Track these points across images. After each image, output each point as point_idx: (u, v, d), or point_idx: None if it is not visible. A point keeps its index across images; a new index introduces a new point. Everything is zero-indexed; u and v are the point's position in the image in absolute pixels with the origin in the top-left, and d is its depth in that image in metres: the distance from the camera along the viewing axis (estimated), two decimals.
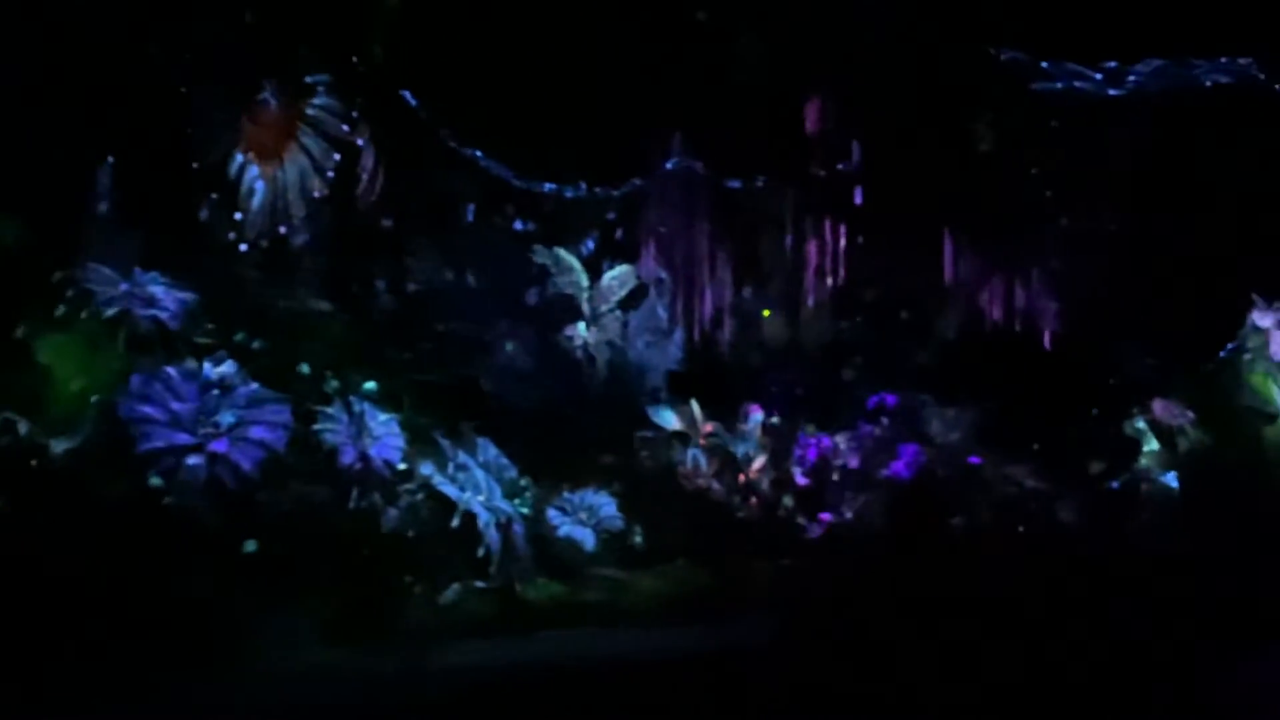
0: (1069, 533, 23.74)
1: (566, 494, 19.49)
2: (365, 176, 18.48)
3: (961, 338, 25.76)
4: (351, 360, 17.83)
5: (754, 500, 20.83)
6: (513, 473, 19.47)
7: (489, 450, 19.51)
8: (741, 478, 20.99)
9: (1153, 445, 24.63)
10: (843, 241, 24.72)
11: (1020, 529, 23.50)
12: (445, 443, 16.36)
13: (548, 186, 21.91)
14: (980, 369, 25.36)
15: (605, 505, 18.00)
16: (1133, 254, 25.81)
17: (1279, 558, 19.55)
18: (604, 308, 22.89)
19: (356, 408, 15.52)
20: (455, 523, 16.35)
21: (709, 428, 21.33)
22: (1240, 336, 24.98)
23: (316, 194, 18.20)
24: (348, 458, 15.28)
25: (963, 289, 25.92)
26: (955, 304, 25.98)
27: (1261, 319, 24.98)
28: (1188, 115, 25.29)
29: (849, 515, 21.51)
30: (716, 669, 13.92)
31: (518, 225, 22.22)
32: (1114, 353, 25.69)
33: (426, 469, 15.97)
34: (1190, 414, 24.85)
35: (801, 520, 21.15)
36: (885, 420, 23.37)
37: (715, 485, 20.58)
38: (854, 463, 22.49)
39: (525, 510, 19.63)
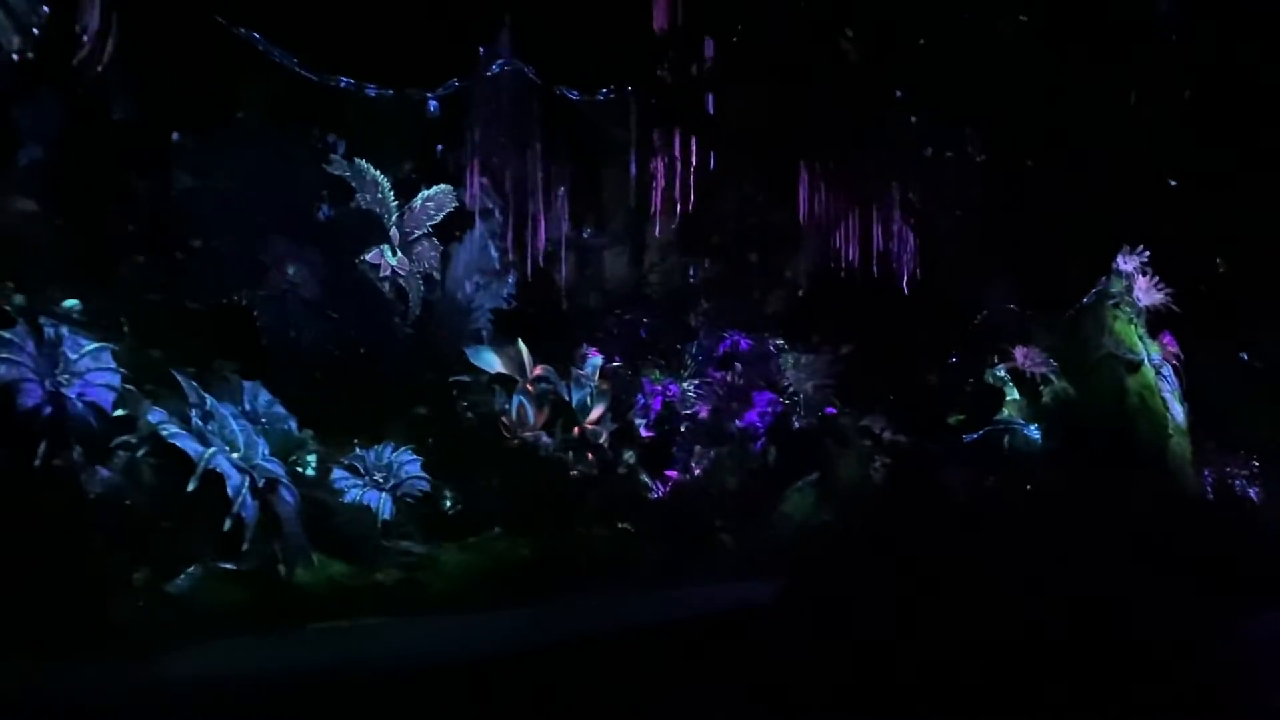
0: (929, 487, 18.87)
1: (359, 450, 13.45)
2: (87, 39, 11.90)
3: (817, 280, 20.68)
4: (50, 271, 11.37)
5: (590, 455, 15.11)
6: (291, 424, 13.31)
7: (259, 396, 13.30)
8: (576, 429, 15.23)
9: (1014, 395, 19.86)
10: (694, 169, 19.17)
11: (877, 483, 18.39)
12: (190, 384, 10.02)
13: (345, 81, 15.57)
14: (837, 313, 20.31)
15: (408, 464, 12.28)
16: (995, 196, 21.09)
17: (1147, 508, 15.82)
18: (417, 232, 16.78)
19: (50, 332, 9.14)
20: (192, 486, 11.44)
21: (538, 371, 15.57)
22: (1103, 282, 20.50)
23: (15, 55, 11.56)
24: (31, 398, 8.93)
25: (818, 228, 20.74)
26: (811, 243, 20.81)
27: (1125, 263, 20.61)
28: (1055, 54, 20.49)
29: (699, 472, 16.03)
30: (539, 665, 10.51)
31: (309, 128, 15.79)
32: (974, 298, 20.96)
33: (156, 416, 9.63)
34: (1053, 362, 20.24)
35: (645, 478, 15.51)
36: (738, 366, 17.95)
37: (544, 438, 14.85)
38: (704, 412, 16.97)
39: (308, 470, 13.46)
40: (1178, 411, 21.31)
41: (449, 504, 14.07)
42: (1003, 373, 20.69)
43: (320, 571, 12.49)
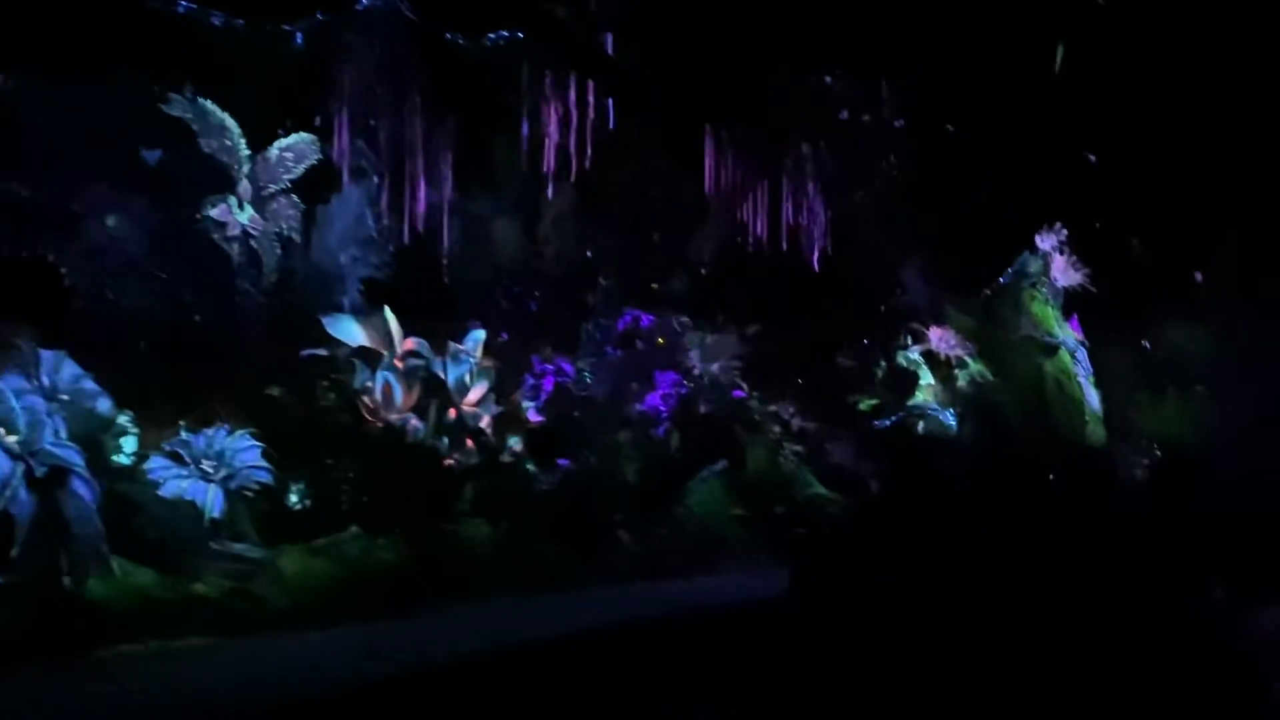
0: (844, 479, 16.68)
1: (186, 435, 10.37)
2: None
3: (725, 254, 18.25)
4: None
5: (468, 442, 12.26)
6: (101, 403, 10.14)
7: (62, 369, 10.14)
8: (452, 411, 12.37)
9: (929, 378, 17.75)
10: (594, 129, 16.53)
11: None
12: None
13: (184, 6, 12.45)
14: (745, 291, 17.94)
15: (245, 451, 9.33)
16: (910, 170, 18.94)
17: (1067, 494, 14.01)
18: (272, 187, 13.70)
19: None
20: None
21: (409, 344, 12.63)
22: (1020, 261, 18.52)
23: None
24: None
25: (727, 199, 18.32)
26: (718, 216, 18.36)
27: (1043, 242, 18.65)
28: (976, 24, 18.47)
29: (594, 460, 13.34)
30: (402, 693, 8.08)
31: (141, 59, 12.60)
32: (888, 276, 18.80)
33: None
34: (969, 344, 18.17)
35: (532, 467, 12.73)
36: (639, 345, 15.34)
37: (413, 421, 11.92)
38: (601, 394, 14.30)
39: (121, 458, 10.36)
40: (1092, 397, 19.52)
41: (295, 499, 11.13)
42: (916, 355, 18.54)
43: (122, 583, 9.46)
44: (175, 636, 9.50)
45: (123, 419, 11.18)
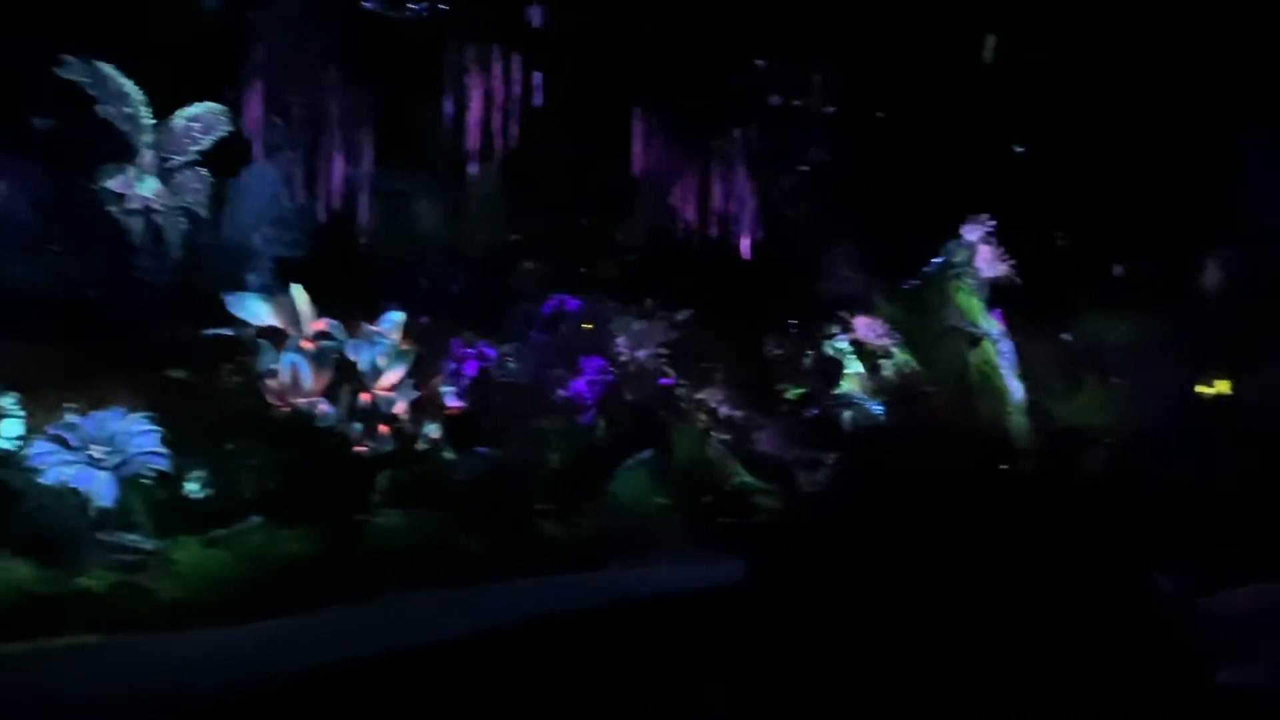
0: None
1: (73, 417, 9.47)
2: None
3: (654, 239, 17.70)
4: None
5: (382, 428, 11.52)
6: None
7: None
8: (365, 396, 11.62)
9: (855, 367, 17.46)
10: (522, 107, 15.84)
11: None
12: None
13: None
14: (673, 276, 17.39)
15: (140, 435, 8.32)
16: (839, 156, 18.54)
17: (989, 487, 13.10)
18: (178, 159, 12.75)
19: None
20: None
21: (320, 325, 11.80)
22: (946, 251, 18.32)
23: None
24: None
25: (656, 182, 17.77)
26: (648, 199, 17.80)
27: (970, 233, 18.48)
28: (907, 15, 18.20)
29: (517, 448, 12.70)
30: (307, 697, 7.50)
31: (35, 21, 11.58)
32: (816, 263, 18.44)
33: None
34: (895, 334, 17.94)
35: (451, 455, 12.05)
36: (565, 330, 14.72)
37: (323, 406, 11.13)
38: (524, 380, 13.66)
39: (1, 443, 9.43)
40: (1016, 389, 19.46)
41: (195, 487, 10.27)
42: (844, 344, 18.23)
43: None
44: (56, 634, 8.65)
45: (5, 401, 10.23)
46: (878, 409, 17.99)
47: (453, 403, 13.82)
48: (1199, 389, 20.39)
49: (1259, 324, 18.98)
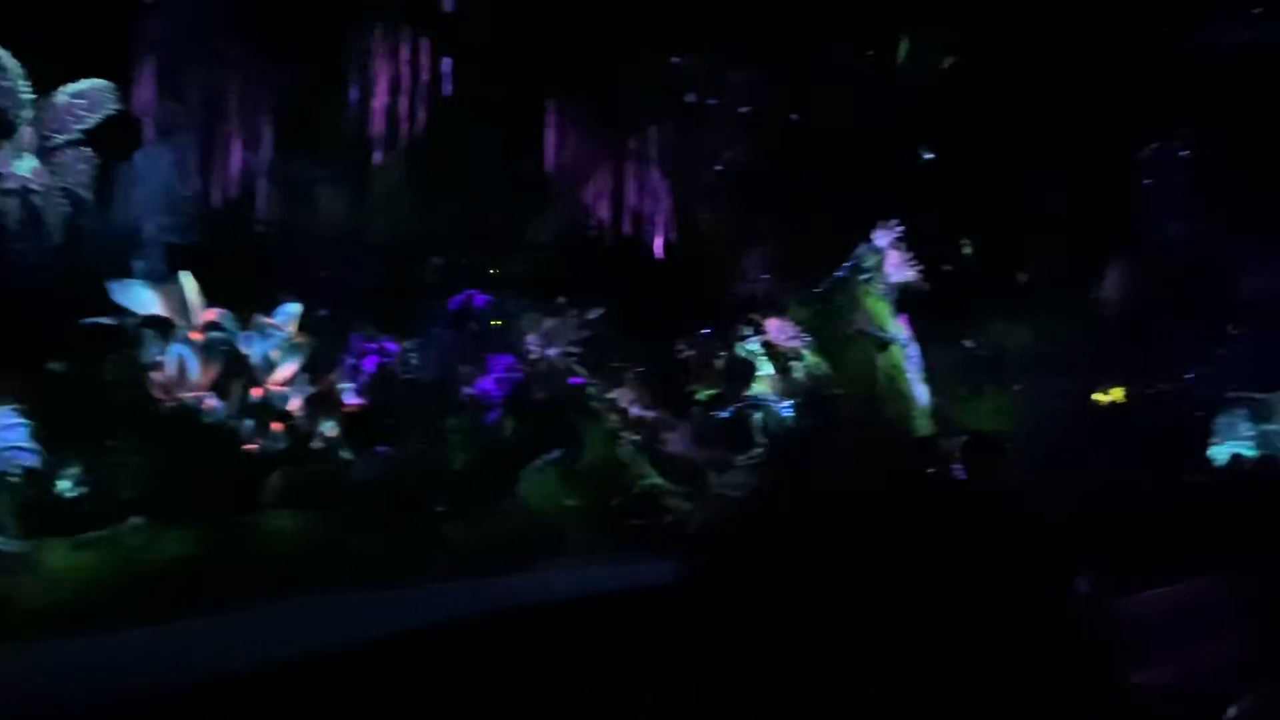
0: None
1: None
2: None
3: (566, 235, 17.29)
4: None
5: (275, 425, 10.88)
6: None
7: None
8: (257, 391, 10.95)
9: (767, 370, 17.36)
10: (431, 93, 15.29)
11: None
12: None
13: None
14: (585, 274, 17.05)
15: (7, 429, 7.24)
16: (755, 160, 18.36)
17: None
18: (61, 138, 11.88)
19: None
20: None
21: (210, 315, 11.08)
22: (857, 255, 18.32)
23: None
24: None
25: (570, 178, 17.40)
26: (561, 196, 17.41)
27: (880, 237, 18.53)
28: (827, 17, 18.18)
29: (419, 447, 12.16)
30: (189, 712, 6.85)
31: None
32: (729, 265, 18.31)
33: None
34: (806, 337, 17.88)
35: (348, 454, 11.45)
36: (472, 326, 14.22)
37: (211, 400, 10.43)
38: (428, 377, 13.12)
39: None
40: (922, 394, 19.59)
41: (68, 485, 9.48)
42: (756, 346, 18.10)
43: None
44: None
45: None
46: (788, 411, 17.88)
47: (351, 399, 13.20)
48: (1099, 395, 20.84)
49: (1159, 332, 19.47)
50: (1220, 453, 18.98)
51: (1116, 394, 21.88)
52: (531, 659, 7.88)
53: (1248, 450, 18.71)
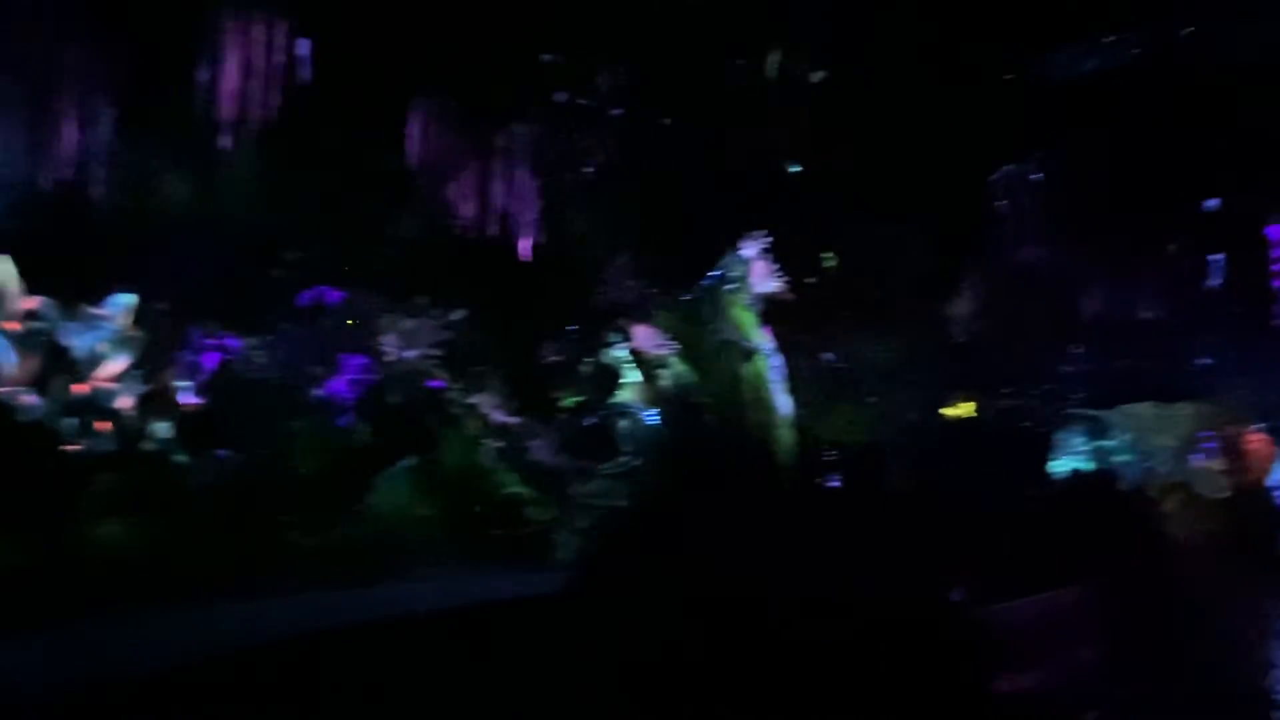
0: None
1: None
2: None
3: (428, 232, 16.70)
4: None
5: (101, 424, 9.91)
6: None
7: None
8: (82, 387, 9.95)
9: (633, 377, 17.21)
10: (285, 71, 14.46)
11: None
12: None
13: None
14: (448, 273, 16.49)
15: None
16: (626, 164, 18.68)
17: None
18: None
19: None
20: None
21: (29, 304, 10.02)
22: (724, 264, 18.40)
23: None
24: None
25: (434, 175, 16.83)
26: (424, 192, 16.82)
27: (747, 247, 18.68)
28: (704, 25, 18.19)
29: (264, 451, 11.35)
30: None
31: None
32: (598, 269, 18.08)
33: None
34: (672, 345, 17.82)
35: (184, 458, 10.57)
36: (324, 323, 13.48)
37: (28, 396, 9.40)
38: (274, 376, 12.31)
39: None
40: (785, 404, 19.80)
41: None
42: (622, 353, 17.92)
43: None
44: None
45: None
46: (654, 419, 17.76)
47: (188, 398, 12.23)
48: (950, 409, 21.51)
49: (1007, 349, 20.21)
50: (1060, 467, 19.86)
51: (967, 408, 22.65)
52: (380, 675, 7.41)
53: (1085, 465, 19.62)
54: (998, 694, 7.62)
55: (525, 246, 18.37)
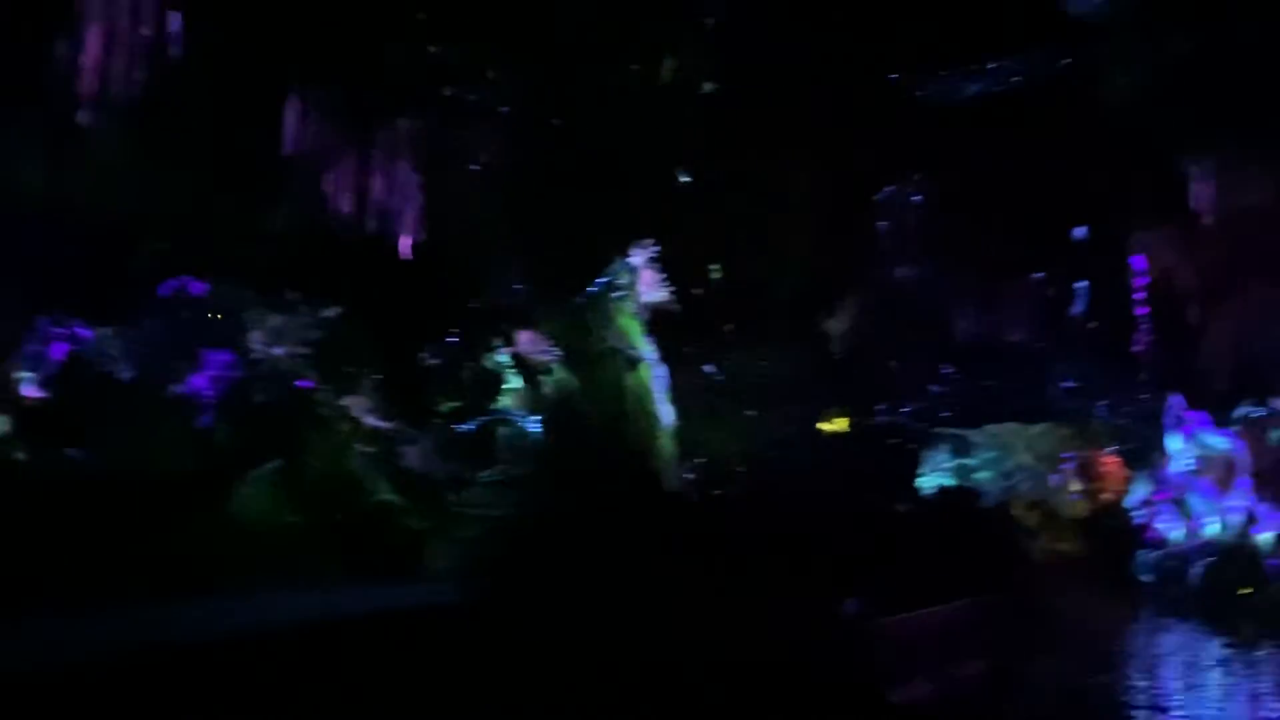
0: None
1: None
2: None
3: (303, 225, 16.00)
4: None
5: None
6: None
7: None
8: None
9: (515, 383, 16.87)
10: (157, 50, 13.60)
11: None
12: None
13: None
14: (323, 269, 15.80)
15: None
16: (515, 166, 18.50)
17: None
18: None
19: None
20: None
21: None
22: (611, 272, 18.30)
23: None
24: None
25: (313, 166, 16.15)
26: (301, 184, 16.11)
27: (635, 256, 18.63)
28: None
29: (118, 450, 10.53)
30: None
31: None
32: (482, 272, 17.69)
33: None
34: (556, 351, 17.58)
35: (26, 456, 9.70)
36: (186, 316, 12.66)
37: None
38: (129, 370, 11.46)
39: None
40: (667, 413, 19.78)
41: None
42: (505, 358, 17.53)
43: None
44: None
45: None
46: (535, 427, 17.45)
47: (31, 391, 11.26)
48: (824, 424, 21.84)
49: (882, 367, 20.61)
50: (926, 483, 20.38)
51: (841, 423, 23.06)
52: (232, 693, 6.90)
53: (948, 481, 20.17)
54: (892, 704, 7.61)
55: (405, 244, 17.77)
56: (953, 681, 8.84)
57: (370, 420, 16.00)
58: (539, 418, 17.38)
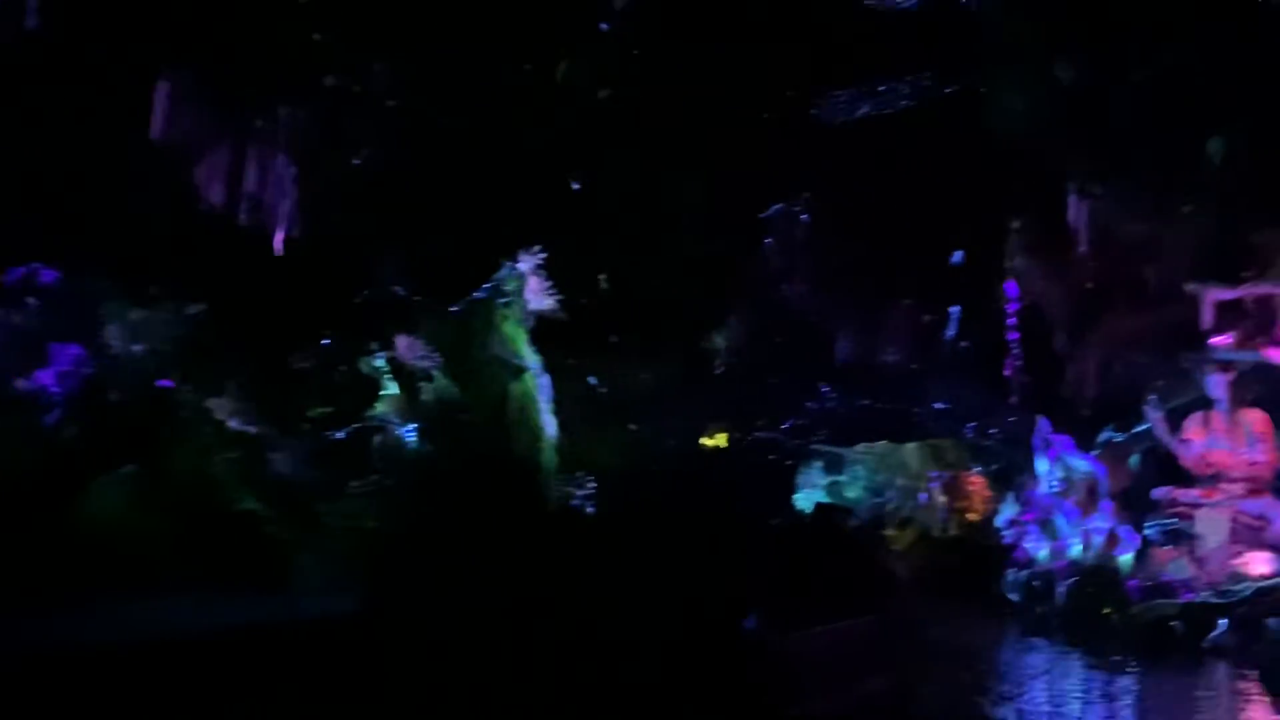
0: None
1: None
2: None
3: (169, 216, 15.28)
4: None
5: None
6: None
7: None
8: None
9: (392, 389, 16.41)
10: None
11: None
12: None
13: None
14: (188, 261, 15.08)
15: None
16: (398, 161, 17.99)
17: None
18: None
19: None
20: None
21: None
22: (498, 277, 18.00)
23: None
24: None
25: (179, 149, 15.39)
26: (166, 167, 15.35)
27: (523, 262, 18.36)
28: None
29: None
30: None
31: None
32: (359, 270, 17.15)
33: None
34: (436, 357, 17.18)
35: None
36: (32, 305, 11.81)
37: None
38: None
39: None
40: (550, 424, 19.49)
41: None
42: (381, 363, 16.99)
43: None
44: None
45: None
46: (411, 436, 16.93)
47: None
48: (711, 439, 21.90)
49: (770, 381, 20.80)
50: (801, 500, 20.63)
51: (721, 438, 23.19)
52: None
53: (823, 499, 20.47)
54: None
55: (279, 239, 17.02)
56: (824, 702, 8.86)
57: (236, 424, 15.27)
58: (416, 426, 16.91)
